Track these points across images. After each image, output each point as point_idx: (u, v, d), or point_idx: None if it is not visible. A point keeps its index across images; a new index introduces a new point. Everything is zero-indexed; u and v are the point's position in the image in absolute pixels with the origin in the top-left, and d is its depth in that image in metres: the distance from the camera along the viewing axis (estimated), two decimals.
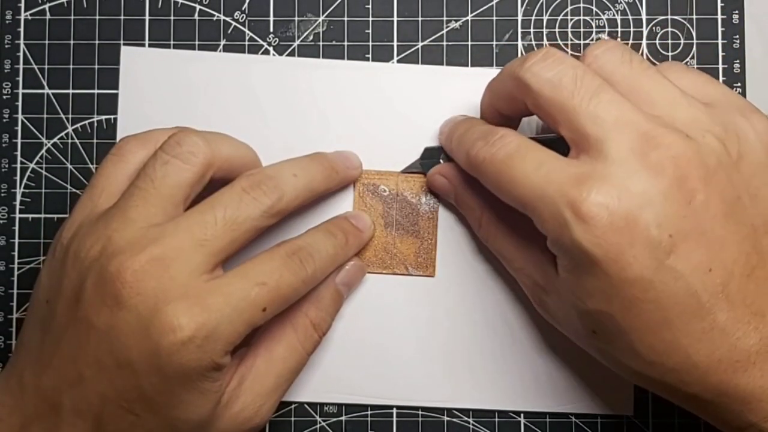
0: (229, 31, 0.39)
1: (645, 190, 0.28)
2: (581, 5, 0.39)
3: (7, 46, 0.39)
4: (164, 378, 0.29)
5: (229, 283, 0.30)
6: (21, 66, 0.39)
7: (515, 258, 0.34)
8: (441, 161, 0.37)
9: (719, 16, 0.39)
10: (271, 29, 0.39)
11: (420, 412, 0.38)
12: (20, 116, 0.39)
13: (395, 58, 0.39)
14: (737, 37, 0.39)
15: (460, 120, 0.36)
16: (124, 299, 0.29)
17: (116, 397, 0.30)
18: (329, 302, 0.36)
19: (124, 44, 0.39)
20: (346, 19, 0.39)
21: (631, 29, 0.39)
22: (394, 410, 0.38)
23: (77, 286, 0.30)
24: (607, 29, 0.39)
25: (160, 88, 0.38)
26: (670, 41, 0.39)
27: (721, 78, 0.38)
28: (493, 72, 0.38)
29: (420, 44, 0.39)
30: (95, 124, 0.39)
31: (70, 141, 0.39)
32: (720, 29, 0.39)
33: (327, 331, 0.35)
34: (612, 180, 0.28)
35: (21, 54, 0.39)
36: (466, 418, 0.38)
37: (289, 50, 0.39)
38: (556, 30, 0.39)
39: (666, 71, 0.32)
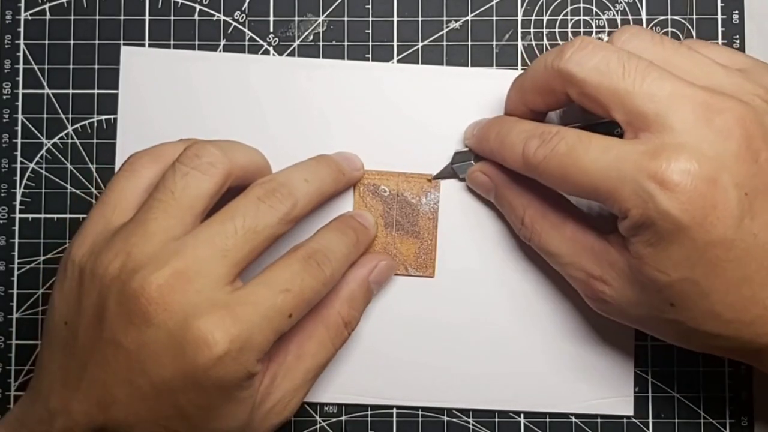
0: (229, 31, 0.39)
1: (719, 153, 0.28)
2: (581, 5, 0.39)
3: (7, 46, 0.39)
4: (202, 393, 0.29)
5: (255, 292, 0.30)
6: (21, 66, 0.39)
7: (564, 253, 0.34)
8: (473, 162, 0.37)
9: (719, 16, 0.39)
10: (271, 29, 0.39)
11: (420, 412, 0.38)
12: (20, 116, 0.39)
13: (395, 58, 0.39)
14: (737, 37, 0.39)
15: (492, 121, 0.36)
16: (152, 316, 0.29)
17: (153, 417, 0.29)
18: (361, 301, 0.36)
19: (124, 44, 0.39)
20: (346, 19, 0.39)
21: None
22: (394, 410, 0.38)
23: (98, 306, 0.30)
24: (607, 29, 0.39)
25: (160, 88, 0.38)
26: None
27: None
28: (492, 72, 0.38)
29: (420, 44, 0.39)
30: (95, 124, 0.39)
31: (70, 141, 0.39)
32: (720, 29, 0.39)
33: (355, 327, 0.36)
34: (686, 147, 0.28)
35: (21, 54, 0.39)
36: (466, 418, 0.38)
37: (289, 50, 0.39)
38: (556, 30, 0.39)
39: (693, 43, 0.33)
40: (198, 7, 0.39)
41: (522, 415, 0.38)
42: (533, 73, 0.33)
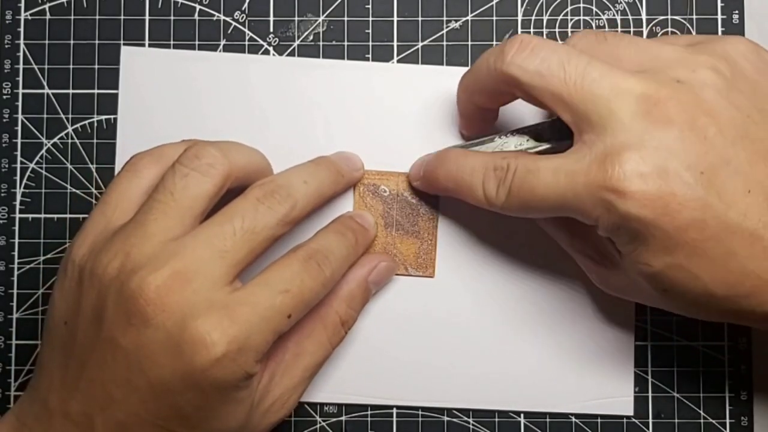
0: (229, 31, 0.39)
1: (661, 142, 0.29)
2: (581, 5, 0.39)
3: (7, 46, 0.39)
4: (200, 394, 0.29)
5: (253, 293, 0.30)
6: (21, 66, 0.39)
7: (573, 243, 0.35)
8: None
9: (719, 16, 0.39)
10: (271, 29, 0.39)
11: (420, 412, 0.38)
12: (20, 116, 0.39)
13: (395, 58, 0.39)
14: None
15: (435, 160, 0.36)
16: (150, 316, 0.29)
17: (151, 417, 0.29)
18: (359, 300, 0.36)
19: (124, 44, 0.39)
20: (346, 19, 0.39)
21: (631, 29, 0.39)
22: (394, 410, 0.38)
23: (97, 306, 0.30)
24: (607, 29, 0.39)
25: (160, 88, 0.38)
26: None
27: None
28: None
29: (420, 44, 0.39)
30: (95, 124, 0.39)
31: (70, 141, 0.39)
32: (720, 29, 0.39)
33: (352, 326, 0.36)
34: (630, 146, 0.29)
35: (21, 54, 0.39)
36: (466, 418, 0.38)
37: (289, 50, 0.39)
38: (556, 30, 0.39)
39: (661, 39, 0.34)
40: (198, 7, 0.39)
41: (522, 415, 0.38)
42: (477, 74, 0.33)
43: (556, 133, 0.33)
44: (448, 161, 0.35)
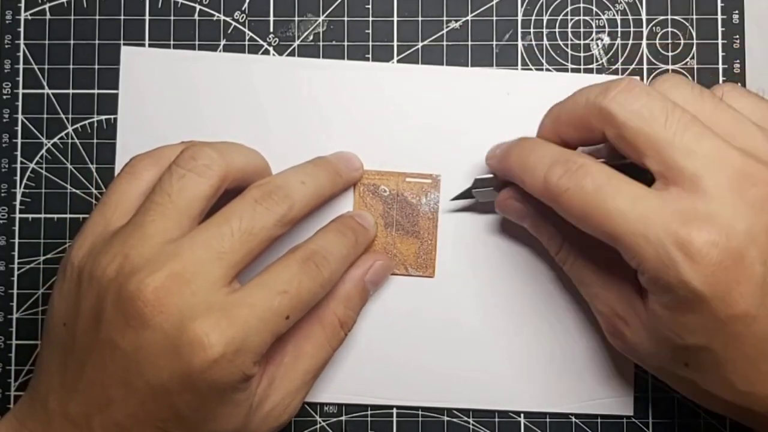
0: (229, 31, 0.39)
1: (749, 227, 0.28)
2: (581, 5, 0.39)
3: (7, 46, 0.39)
4: (198, 395, 0.29)
5: (251, 294, 0.30)
6: (21, 66, 0.39)
7: (594, 285, 0.34)
8: (494, 189, 0.36)
9: (719, 16, 0.39)
10: (271, 29, 0.39)
11: (420, 412, 0.38)
12: (20, 116, 0.39)
13: (395, 58, 0.39)
14: (737, 37, 0.39)
15: (516, 141, 0.34)
16: (148, 318, 0.29)
17: (149, 418, 0.29)
18: (357, 301, 0.36)
19: (124, 44, 0.39)
20: (346, 19, 0.39)
21: (631, 29, 0.39)
22: (394, 410, 0.38)
23: (96, 307, 0.30)
24: (607, 29, 0.39)
25: (160, 88, 0.38)
26: (670, 41, 0.39)
27: (720, 78, 0.38)
28: (492, 72, 0.38)
29: (420, 44, 0.39)
30: (95, 124, 0.39)
31: (70, 141, 0.39)
32: (720, 29, 0.39)
33: (352, 327, 0.36)
34: (717, 218, 0.28)
35: (21, 54, 0.39)
36: (466, 418, 0.38)
37: (289, 50, 0.39)
38: (556, 30, 0.39)
39: (728, 96, 0.31)
40: (198, 7, 0.39)
41: (522, 415, 0.38)
42: (573, 105, 0.32)
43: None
44: (525, 143, 0.33)
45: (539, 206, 0.33)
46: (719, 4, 0.39)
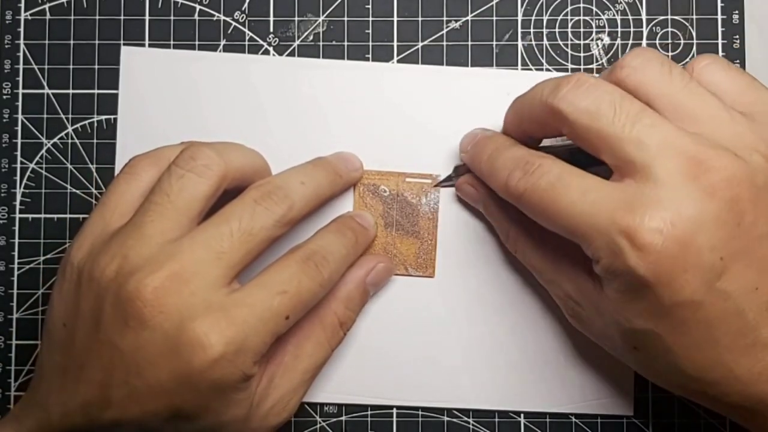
0: (229, 31, 0.39)
1: (697, 214, 0.27)
2: (581, 5, 0.39)
3: (7, 46, 0.39)
4: (198, 395, 0.29)
5: (251, 294, 0.30)
6: (21, 66, 0.39)
7: (546, 271, 0.34)
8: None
9: (719, 16, 0.39)
10: (271, 29, 0.39)
11: (420, 412, 0.38)
12: (20, 116, 0.39)
13: (395, 58, 0.39)
14: (737, 37, 0.39)
15: (486, 140, 0.35)
16: (147, 318, 0.29)
17: (150, 418, 0.29)
18: (357, 301, 0.36)
19: (124, 44, 0.39)
20: (346, 19, 0.39)
21: (631, 29, 0.39)
22: (394, 410, 0.38)
23: (95, 308, 0.30)
24: (607, 29, 0.39)
25: (160, 88, 0.38)
26: (670, 41, 0.39)
27: None
28: (492, 72, 0.38)
29: (420, 44, 0.39)
30: (95, 124, 0.39)
31: (70, 141, 0.39)
32: (720, 29, 0.39)
33: (351, 327, 0.36)
34: (664, 205, 0.27)
35: (21, 54, 0.39)
36: (466, 418, 0.38)
37: (289, 50, 0.39)
38: (556, 30, 0.39)
39: (704, 72, 0.31)
40: (198, 7, 0.39)
41: (522, 415, 0.38)
42: (529, 102, 0.32)
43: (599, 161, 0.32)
44: (493, 145, 0.34)
45: (490, 194, 0.35)
46: (719, 4, 0.39)
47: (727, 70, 0.31)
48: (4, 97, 0.39)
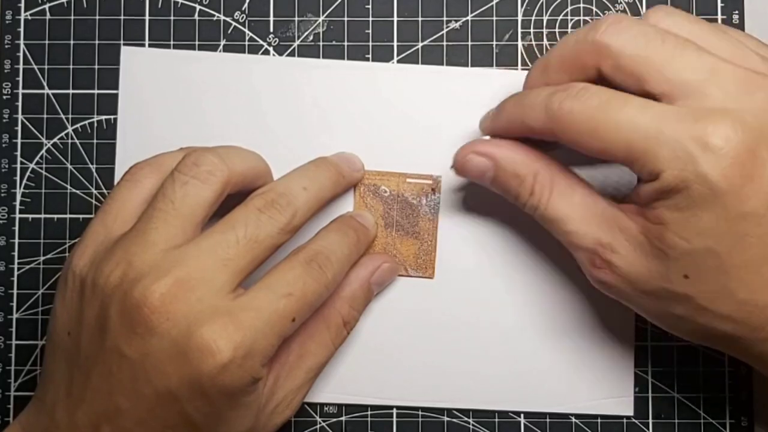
0: (229, 31, 0.39)
1: (761, 124, 0.28)
2: (581, 5, 0.39)
3: (7, 46, 0.39)
4: (208, 401, 0.29)
5: (257, 297, 0.30)
6: (21, 66, 0.39)
7: (573, 218, 0.32)
8: None
9: (719, 16, 0.39)
10: (271, 29, 0.39)
11: (420, 412, 0.38)
12: (20, 116, 0.39)
13: (395, 58, 0.39)
14: None
15: (502, 101, 0.34)
16: (154, 325, 0.29)
17: (159, 425, 0.29)
18: (362, 301, 0.36)
19: (124, 44, 0.39)
20: (346, 19, 0.39)
21: None
22: (394, 410, 0.38)
23: (100, 316, 0.30)
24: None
25: (160, 88, 0.38)
26: None
27: None
28: (492, 72, 0.38)
29: (420, 44, 0.39)
30: (95, 124, 0.39)
31: (70, 141, 0.39)
32: None
33: (354, 326, 0.36)
34: (730, 114, 0.28)
35: (21, 54, 0.39)
36: (466, 418, 0.38)
37: (289, 50, 0.39)
38: (556, 30, 0.39)
39: (673, 28, 0.31)
40: (198, 7, 0.39)
41: (522, 415, 0.38)
42: (561, 49, 0.32)
43: None
44: (520, 93, 0.33)
45: (508, 153, 0.33)
46: (719, 4, 0.39)
47: (741, 32, 0.33)
48: (4, 97, 0.39)
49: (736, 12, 0.39)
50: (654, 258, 0.30)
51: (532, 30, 0.39)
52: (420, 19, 0.39)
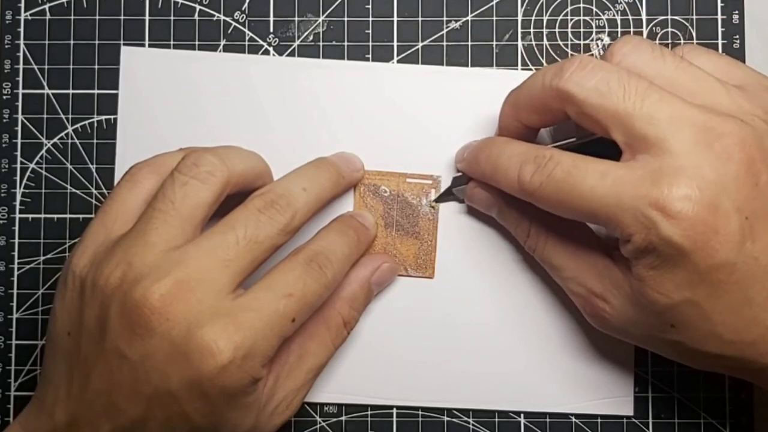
0: (229, 31, 0.39)
1: (719, 177, 0.28)
2: (581, 5, 0.39)
3: (7, 46, 0.39)
4: (208, 402, 0.29)
5: (257, 298, 0.30)
6: (21, 66, 0.39)
7: (567, 267, 0.34)
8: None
9: (719, 16, 0.39)
10: (271, 29, 0.39)
11: (420, 412, 0.38)
12: (20, 116, 0.39)
13: (395, 58, 0.39)
14: (737, 37, 0.39)
15: (482, 143, 0.35)
16: (155, 326, 0.29)
17: (159, 425, 0.29)
18: (362, 301, 0.36)
19: (124, 44, 0.39)
20: (346, 19, 0.39)
21: (631, 29, 0.39)
22: (394, 410, 0.38)
23: (101, 316, 0.30)
24: (607, 29, 0.39)
25: (160, 88, 0.38)
26: (670, 41, 0.39)
27: None
28: (492, 72, 0.38)
29: (420, 44, 0.39)
30: (95, 124, 0.39)
31: (70, 141, 0.39)
32: (720, 29, 0.39)
33: (354, 326, 0.36)
34: (686, 172, 0.28)
35: (21, 54, 0.39)
36: (466, 418, 0.38)
37: (289, 50, 0.39)
38: (556, 30, 0.39)
39: (688, 56, 0.32)
40: (198, 7, 0.39)
41: (522, 415, 0.38)
42: (529, 90, 0.32)
43: (599, 153, 0.32)
44: (492, 145, 0.34)
45: (505, 195, 0.34)
46: (719, 4, 0.39)
47: (708, 52, 0.33)
48: (4, 97, 0.39)
49: (736, 12, 0.39)
50: (642, 310, 0.31)
51: (532, 30, 0.39)
52: (420, 19, 0.39)
